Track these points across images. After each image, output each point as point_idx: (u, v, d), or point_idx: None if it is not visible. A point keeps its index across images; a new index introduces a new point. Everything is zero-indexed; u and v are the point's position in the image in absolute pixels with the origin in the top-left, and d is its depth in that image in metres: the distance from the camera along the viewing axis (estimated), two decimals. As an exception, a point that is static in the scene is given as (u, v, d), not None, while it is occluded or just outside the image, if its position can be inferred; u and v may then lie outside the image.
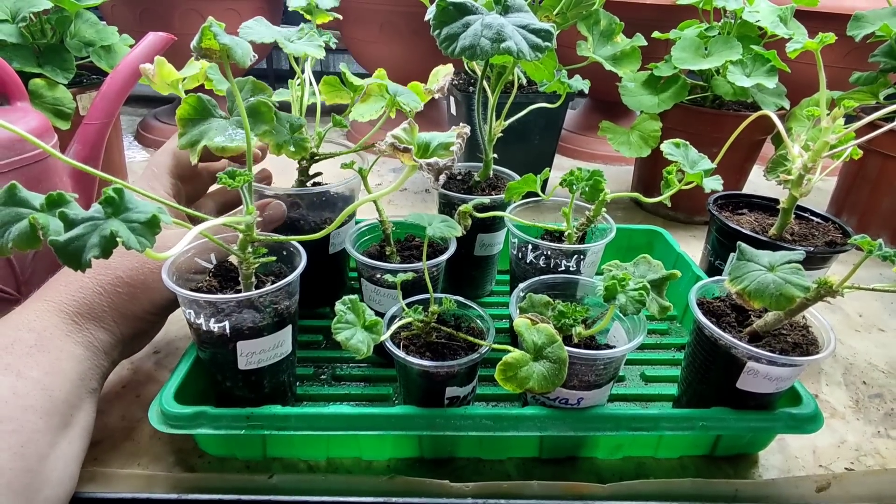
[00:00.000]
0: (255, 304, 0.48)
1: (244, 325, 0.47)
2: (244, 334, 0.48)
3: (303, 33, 0.59)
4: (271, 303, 0.49)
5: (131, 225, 0.34)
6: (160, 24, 1.10)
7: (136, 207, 0.35)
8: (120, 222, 0.34)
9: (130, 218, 0.34)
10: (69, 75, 0.81)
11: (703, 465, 0.54)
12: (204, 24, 0.42)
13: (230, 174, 0.45)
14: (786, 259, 0.47)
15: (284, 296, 0.50)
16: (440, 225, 0.53)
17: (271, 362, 0.51)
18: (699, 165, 0.58)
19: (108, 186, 0.35)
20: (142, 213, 0.34)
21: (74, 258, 0.33)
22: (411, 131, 0.42)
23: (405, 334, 0.52)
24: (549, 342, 0.44)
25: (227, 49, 0.42)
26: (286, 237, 0.51)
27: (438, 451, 0.53)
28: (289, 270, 0.53)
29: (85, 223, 0.33)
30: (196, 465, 0.51)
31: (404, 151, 0.40)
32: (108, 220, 0.34)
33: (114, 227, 0.33)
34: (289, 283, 0.48)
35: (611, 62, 0.91)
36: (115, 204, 0.34)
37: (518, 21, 0.49)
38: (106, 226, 0.33)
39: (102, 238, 0.33)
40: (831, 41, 0.63)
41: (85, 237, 0.33)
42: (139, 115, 1.49)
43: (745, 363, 0.48)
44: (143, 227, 0.34)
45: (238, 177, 0.45)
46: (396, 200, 1.10)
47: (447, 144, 0.41)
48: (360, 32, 1.25)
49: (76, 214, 0.33)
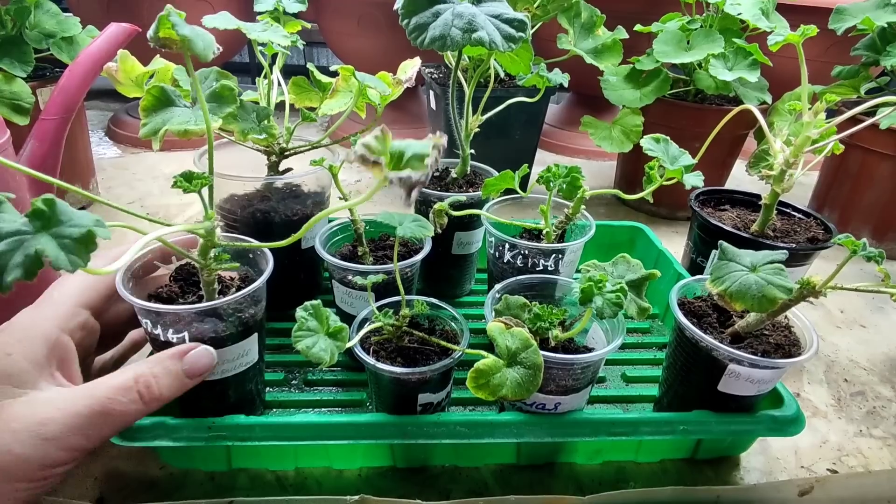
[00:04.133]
0: (218, 313, 0.45)
1: (205, 335, 0.45)
2: (205, 343, 0.45)
3: (269, 26, 0.57)
4: (235, 311, 0.46)
5: (62, 241, 0.29)
6: (128, 16, 1.06)
7: (70, 220, 0.30)
8: (49, 238, 0.29)
9: (62, 233, 0.30)
10: (28, 68, 0.77)
11: (685, 468, 0.53)
12: (161, 13, 0.39)
13: (186, 176, 0.42)
14: (768, 259, 0.46)
15: (250, 303, 0.47)
16: (411, 224, 0.51)
17: (236, 372, 0.48)
18: (679, 161, 0.56)
19: (38, 199, 0.30)
20: (76, 226, 0.30)
21: None
22: (384, 139, 0.39)
23: (376, 339, 0.50)
24: (524, 347, 0.42)
25: (187, 41, 0.40)
26: (252, 244, 0.48)
27: (412, 460, 0.51)
28: (255, 274, 0.51)
29: (9, 238, 0.29)
30: (157, 477, 0.49)
31: (374, 164, 0.37)
32: (37, 235, 0.29)
33: (40, 245, 0.29)
34: (254, 291, 0.46)
35: (592, 56, 0.90)
36: (45, 217, 0.30)
37: (491, 10, 0.47)
38: (32, 242, 0.29)
39: (27, 257, 0.28)
40: (813, 34, 0.61)
41: (6, 255, 0.28)
42: (111, 109, 1.45)
43: (726, 365, 0.46)
44: (77, 244, 0.29)
45: (195, 180, 0.43)
46: (375, 197, 1.07)
47: (422, 156, 0.38)
48: (338, 25, 1.22)
49: (3, 228, 0.29)
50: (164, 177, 1.10)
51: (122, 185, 1.06)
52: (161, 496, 0.47)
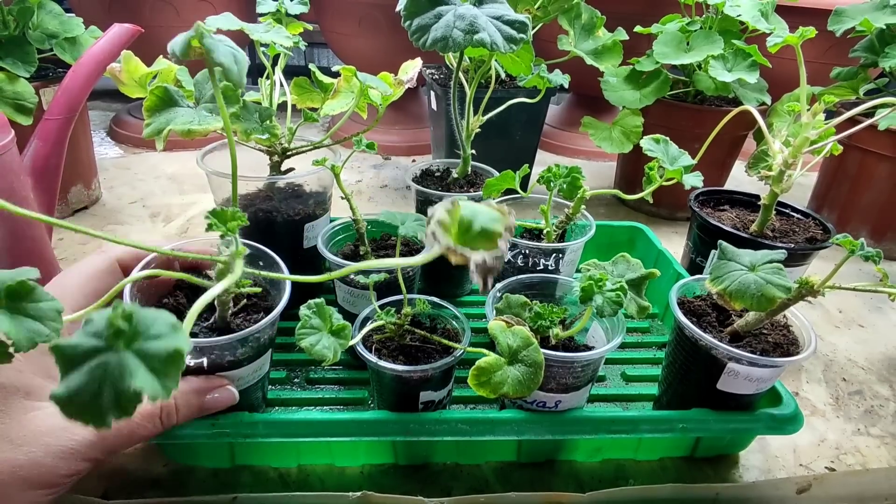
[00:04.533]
0: (237, 341, 0.44)
1: (223, 359, 0.44)
2: (224, 367, 0.44)
3: (271, 27, 0.58)
4: (255, 337, 0.45)
5: (150, 363, 0.26)
6: (130, 16, 1.07)
7: (149, 329, 0.27)
8: (136, 359, 0.26)
9: (147, 352, 0.26)
10: (31, 68, 0.77)
11: (684, 466, 0.53)
12: (192, 34, 0.37)
13: (220, 217, 0.38)
14: (767, 259, 0.46)
15: (267, 326, 0.46)
16: (413, 224, 0.51)
17: (249, 385, 0.48)
18: (679, 162, 0.57)
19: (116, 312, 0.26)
20: (158, 339, 0.27)
21: (89, 419, 0.25)
22: (454, 212, 0.36)
23: (378, 337, 0.50)
24: (525, 345, 0.43)
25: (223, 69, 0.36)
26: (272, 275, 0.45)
27: (413, 457, 0.51)
28: (266, 283, 0.50)
29: (89, 362, 0.26)
30: (161, 474, 0.49)
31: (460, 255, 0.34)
32: (119, 354, 0.26)
33: (133, 382, 0.25)
34: (275, 317, 0.44)
35: (592, 57, 0.90)
36: (125, 336, 0.26)
37: (492, 12, 0.47)
38: (120, 371, 0.26)
39: (120, 395, 0.25)
40: (811, 35, 0.62)
41: (94, 392, 0.25)
42: (112, 110, 1.45)
43: (725, 364, 0.47)
44: (166, 366, 0.26)
45: (231, 221, 0.38)
46: (376, 197, 1.08)
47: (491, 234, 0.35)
48: (339, 26, 1.22)
49: (73, 349, 0.26)
50: (166, 177, 1.11)
51: (124, 185, 1.06)
52: (165, 493, 0.48)
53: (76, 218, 0.94)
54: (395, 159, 1.27)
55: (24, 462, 0.36)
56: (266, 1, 0.66)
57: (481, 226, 0.35)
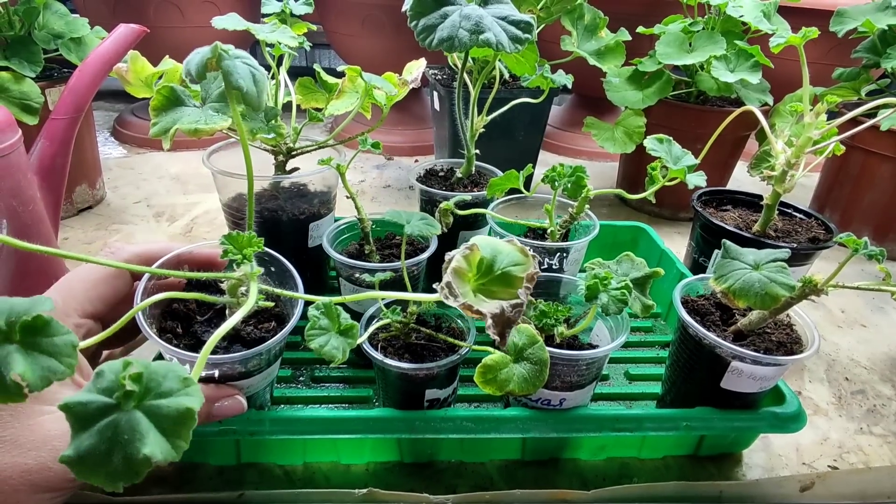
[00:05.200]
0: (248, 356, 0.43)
1: (234, 371, 0.44)
2: (235, 377, 0.44)
3: (276, 27, 0.58)
4: (268, 349, 0.44)
5: (160, 424, 0.26)
6: (134, 17, 1.07)
7: (159, 386, 0.27)
8: (146, 421, 0.26)
9: (158, 411, 0.26)
10: (37, 68, 0.78)
11: (688, 464, 0.53)
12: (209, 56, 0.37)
13: (234, 242, 0.38)
14: (771, 257, 0.46)
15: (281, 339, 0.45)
16: (419, 223, 0.51)
17: (258, 390, 0.47)
18: (682, 161, 0.57)
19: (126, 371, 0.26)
20: (170, 398, 0.26)
21: (100, 481, 0.25)
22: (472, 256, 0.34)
23: (384, 335, 0.50)
24: (530, 343, 0.43)
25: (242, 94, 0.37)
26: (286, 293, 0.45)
27: (419, 455, 0.51)
28: (275, 284, 0.50)
29: (99, 422, 0.25)
30: (167, 471, 0.50)
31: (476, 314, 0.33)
32: (129, 415, 0.26)
33: (143, 448, 0.25)
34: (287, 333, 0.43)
35: (595, 57, 0.90)
36: (135, 396, 0.26)
37: (497, 12, 0.48)
38: (130, 435, 0.25)
39: (132, 459, 0.25)
40: (814, 36, 0.62)
41: (106, 454, 0.25)
42: (116, 110, 1.46)
43: (729, 363, 0.47)
44: (175, 426, 0.26)
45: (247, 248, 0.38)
46: (379, 197, 1.08)
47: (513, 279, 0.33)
48: (342, 27, 1.23)
49: (84, 406, 0.25)
50: (170, 176, 1.11)
51: (128, 185, 1.06)
52: (171, 490, 0.48)
53: (81, 218, 0.94)
54: (398, 159, 1.28)
55: (32, 466, 0.36)
56: (271, 1, 0.67)
57: (502, 269, 0.34)
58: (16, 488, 0.35)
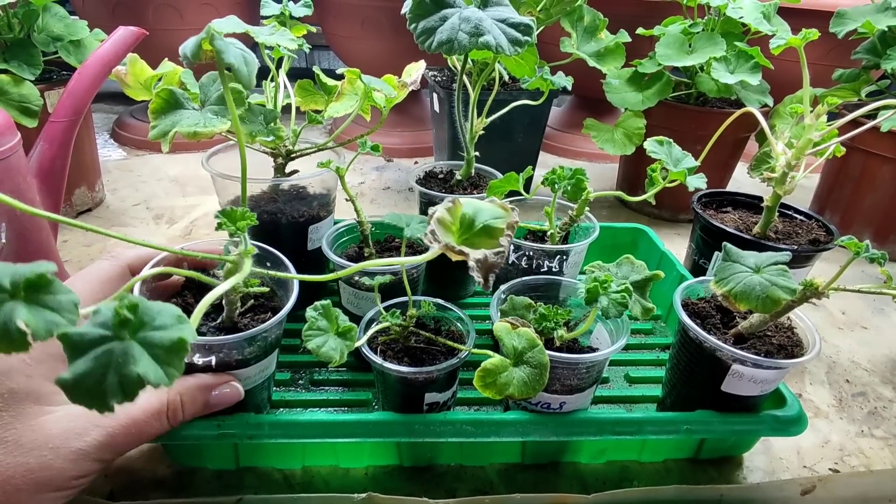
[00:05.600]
0: (245, 340, 0.44)
1: (231, 359, 0.44)
2: (231, 366, 0.45)
3: (276, 30, 0.58)
4: (263, 336, 0.45)
5: (153, 352, 0.27)
6: (134, 19, 1.07)
7: (154, 320, 0.28)
8: (139, 348, 0.27)
9: (151, 340, 0.28)
10: (36, 71, 0.78)
11: (688, 468, 0.53)
12: (203, 36, 0.37)
13: (230, 217, 0.39)
14: (772, 260, 0.46)
15: (276, 326, 0.46)
16: (418, 225, 0.51)
17: (255, 385, 0.48)
18: (682, 163, 0.57)
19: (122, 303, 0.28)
20: (163, 330, 0.28)
21: (91, 402, 0.27)
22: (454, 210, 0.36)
23: (383, 339, 0.50)
24: (530, 347, 0.43)
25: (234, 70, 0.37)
26: (280, 274, 0.46)
27: (418, 459, 0.51)
28: (273, 284, 0.51)
29: (95, 350, 0.27)
30: (166, 475, 0.50)
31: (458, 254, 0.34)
32: (124, 343, 0.27)
33: (136, 368, 0.27)
34: (282, 318, 0.45)
35: (594, 59, 0.90)
36: (131, 325, 0.28)
37: (497, 15, 0.48)
38: (125, 359, 0.27)
39: (125, 379, 0.26)
40: (814, 37, 0.62)
41: (99, 376, 0.26)
42: (115, 112, 1.45)
43: (729, 366, 0.47)
44: (169, 355, 0.27)
45: (240, 221, 0.39)
46: (379, 199, 1.08)
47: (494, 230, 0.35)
48: (341, 28, 1.23)
49: (81, 337, 0.27)
50: (169, 179, 1.11)
51: (128, 187, 1.06)
52: (169, 494, 0.48)
53: (80, 220, 0.94)
54: (397, 161, 1.27)
55: (35, 466, 0.36)
56: (270, 3, 0.66)
57: (483, 223, 0.35)
58: (19, 488, 0.36)
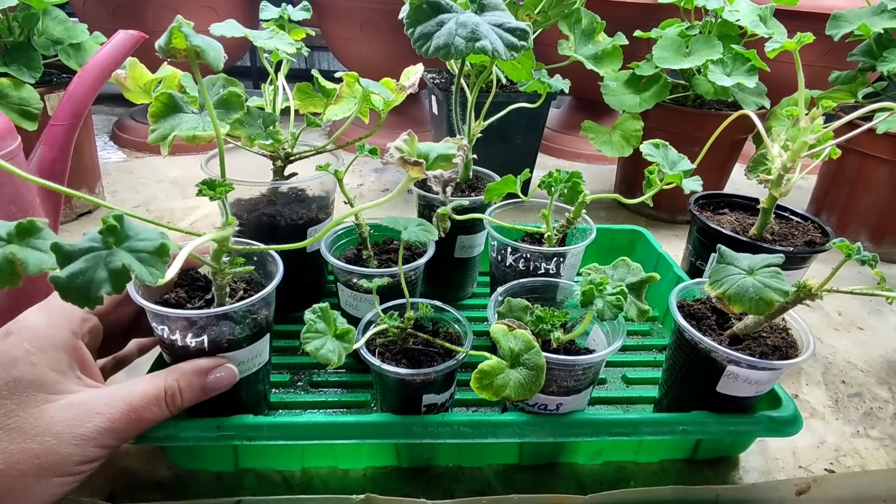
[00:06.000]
0: (233, 317, 0.46)
1: (222, 338, 0.45)
2: (223, 347, 0.46)
3: (274, 34, 0.58)
4: (250, 314, 0.47)
5: (139, 255, 0.31)
6: (133, 22, 1.07)
7: (139, 234, 0.32)
8: (126, 252, 0.31)
9: (135, 247, 0.31)
10: (36, 74, 0.78)
11: (684, 468, 0.54)
12: (173, 24, 0.40)
13: (209, 184, 0.43)
14: (765, 262, 0.47)
15: (262, 305, 0.48)
16: (416, 228, 0.52)
17: (250, 373, 0.49)
18: (679, 166, 0.57)
19: (107, 215, 0.31)
20: (148, 240, 0.31)
21: (82, 296, 0.30)
22: (411, 142, 0.41)
23: (381, 341, 0.50)
24: (527, 348, 0.43)
25: (201, 51, 0.41)
26: (262, 247, 0.49)
27: (416, 460, 0.52)
28: (260, 276, 0.52)
29: (85, 256, 0.30)
30: (165, 477, 0.50)
31: (414, 165, 0.39)
32: (112, 250, 0.31)
33: (124, 260, 0.30)
34: (268, 294, 0.47)
35: (592, 61, 0.91)
36: (117, 233, 0.31)
37: (493, 20, 0.48)
38: (113, 258, 0.30)
39: (113, 271, 0.30)
40: (809, 41, 0.62)
41: (89, 272, 0.30)
42: (115, 114, 1.46)
43: (725, 367, 0.47)
44: (153, 257, 0.31)
45: (219, 187, 0.43)
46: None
47: (448, 156, 0.40)
48: (340, 31, 1.23)
49: (72, 246, 0.30)
50: (169, 181, 1.11)
51: (128, 189, 1.07)
52: (169, 496, 0.48)
53: (80, 223, 0.94)
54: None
55: (39, 451, 0.37)
56: (269, 7, 0.67)
57: (438, 153, 0.40)
58: (24, 473, 0.37)
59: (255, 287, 0.50)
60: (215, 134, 0.43)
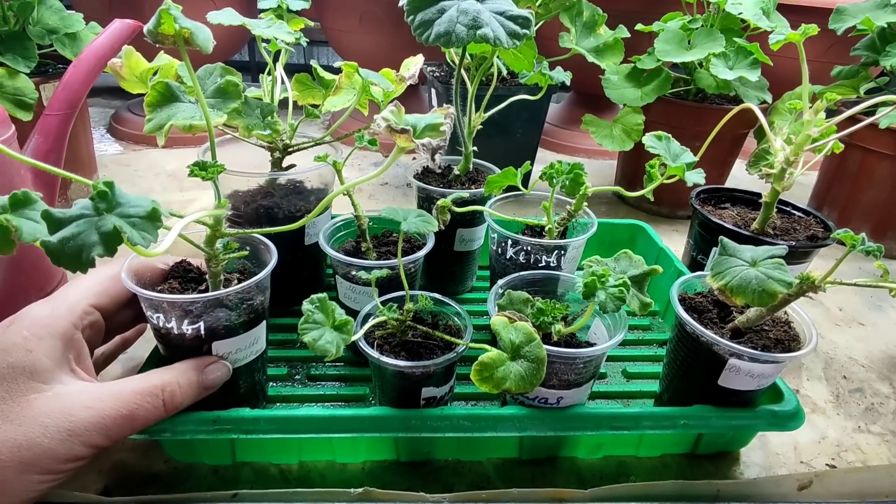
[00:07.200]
0: (228, 303, 0.46)
1: (219, 324, 0.45)
2: (220, 334, 0.46)
3: (273, 23, 0.58)
4: (245, 300, 0.47)
5: (131, 220, 0.31)
6: (130, 12, 1.06)
7: (130, 202, 0.32)
8: (117, 217, 0.31)
9: (127, 213, 0.31)
10: (31, 64, 0.77)
11: (685, 463, 0.53)
12: (161, 7, 0.40)
13: (201, 165, 0.43)
14: (768, 254, 0.46)
15: (257, 291, 0.48)
16: (415, 220, 0.51)
17: (247, 361, 0.49)
18: (681, 159, 0.57)
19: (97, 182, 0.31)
20: (139, 206, 0.31)
21: (73, 259, 0.30)
22: (398, 113, 0.41)
23: (380, 333, 0.50)
24: (527, 341, 0.43)
25: (188, 33, 0.41)
26: (258, 230, 0.49)
27: (415, 454, 0.51)
28: (253, 265, 0.52)
29: (76, 221, 0.30)
30: (162, 470, 0.49)
31: (401, 133, 0.39)
32: (104, 216, 0.31)
33: (116, 223, 0.30)
34: (263, 278, 0.47)
35: (593, 54, 0.90)
36: (108, 199, 0.31)
37: (495, 7, 0.47)
38: (104, 222, 0.30)
39: (104, 234, 0.30)
40: (813, 33, 0.62)
41: (81, 236, 0.29)
42: (112, 107, 1.45)
43: (726, 360, 0.47)
44: (145, 221, 0.31)
45: (210, 168, 0.43)
46: (377, 195, 1.08)
47: (435, 125, 0.40)
48: (340, 23, 1.22)
49: (63, 213, 0.30)
50: (166, 173, 1.11)
51: (124, 182, 1.06)
52: (165, 489, 0.48)
53: (76, 214, 0.93)
54: (396, 157, 1.27)
55: (23, 442, 0.36)
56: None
57: (426, 123, 0.41)
58: (5, 464, 0.35)
59: (249, 277, 0.49)
60: (204, 116, 0.42)
